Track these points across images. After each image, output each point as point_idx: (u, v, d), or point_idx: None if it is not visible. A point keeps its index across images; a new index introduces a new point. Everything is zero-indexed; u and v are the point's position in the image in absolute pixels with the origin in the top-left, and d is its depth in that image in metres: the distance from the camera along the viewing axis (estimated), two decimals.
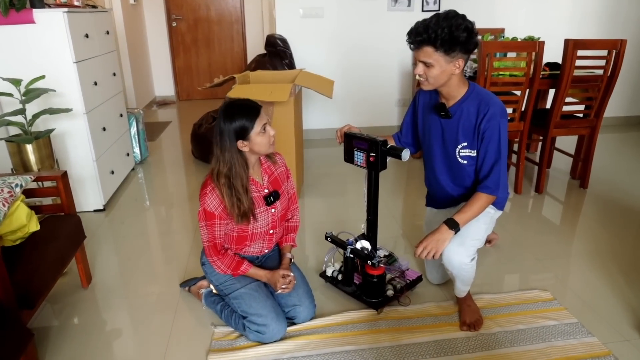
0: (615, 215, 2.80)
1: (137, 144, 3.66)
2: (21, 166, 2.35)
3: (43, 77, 2.38)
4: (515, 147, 3.53)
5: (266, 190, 1.77)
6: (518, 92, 2.96)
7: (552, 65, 3.17)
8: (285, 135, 2.75)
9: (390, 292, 1.94)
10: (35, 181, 2.05)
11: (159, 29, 6.08)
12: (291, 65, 3.93)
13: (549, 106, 3.18)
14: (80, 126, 2.69)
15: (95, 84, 2.84)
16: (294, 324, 1.83)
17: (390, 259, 2.12)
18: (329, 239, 2.03)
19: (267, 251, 1.91)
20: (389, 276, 2.04)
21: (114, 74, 3.26)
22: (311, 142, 4.34)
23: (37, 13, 2.44)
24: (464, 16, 1.59)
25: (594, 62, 3.04)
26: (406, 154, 1.68)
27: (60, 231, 1.87)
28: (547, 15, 4.41)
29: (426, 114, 1.88)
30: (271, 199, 1.76)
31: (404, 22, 4.12)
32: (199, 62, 6.30)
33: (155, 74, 6.27)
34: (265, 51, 4.00)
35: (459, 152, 1.78)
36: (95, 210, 2.89)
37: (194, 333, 1.82)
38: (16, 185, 1.71)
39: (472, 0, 4.24)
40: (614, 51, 2.85)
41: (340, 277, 2.05)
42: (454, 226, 1.66)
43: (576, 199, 3.09)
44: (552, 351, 1.69)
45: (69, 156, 2.74)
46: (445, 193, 1.93)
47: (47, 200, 2.26)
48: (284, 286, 1.76)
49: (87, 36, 2.75)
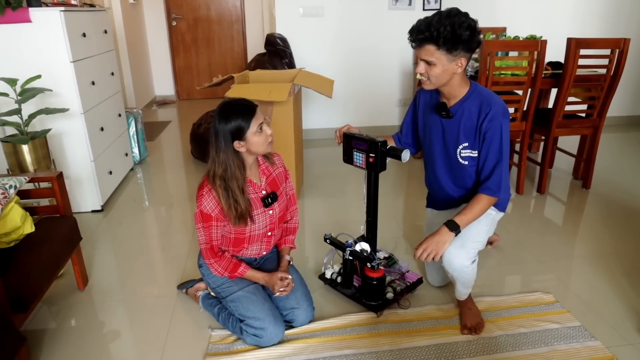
0: (618, 216, 2.77)
1: (136, 144, 3.64)
2: (17, 167, 2.33)
3: (39, 76, 2.36)
4: (517, 147, 3.51)
5: (264, 192, 1.74)
6: (520, 92, 2.93)
7: (554, 65, 3.13)
8: (284, 135, 2.73)
9: (390, 295, 1.91)
10: (31, 182, 2.03)
11: (159, 28, 6.06)
12: (291, 64, 3.90)
13: (551, 106, 3.15)
14: (77, 126, 2.67)
15: (93, 83, 2.82)
16: (292, 327, 1.80)
17: (390, 261, 2.10)
18: (327, 240, 2.00)
19: (265, 253, 1.89)
20: (388, 278, 2.01)
21: (112, 73, 3.24)
22: (311, 142, 4.31)
23: (33, 12, 2.42)
24: (466, 14, 1.56)
25: (597, 61, 3.01)
26: (406, 154, 1.65)
27: (55, 233, 1.85)
28: (549, 14, 4.37)
29: (427, 114, 1.85)
30: (269, 200, 1.74)
31: (404, 21, 4.10)
32: (199, 61, 6.28)
33: (155, 73, 6.25)
34: (265, 50, 3.97)
35: (460, 152, 1.75)
36: (93, 211, 2.87)
37: (191, 336, 1.80)
38: (10, 187, 1.69)
39: None
40: (617, 50, 2.82)
41: (339, 279, 2.02)
42: (455, 228, 1.63)
43: (578, 199, 3.06)
44: (555, 355, 1.66)
45: (66, 157, 2.72)
46: (445, 194, 1.90)
47: (45, 202, 2.24)
48: (281, 289, 1.74)
49: (84, 35, 2.73)
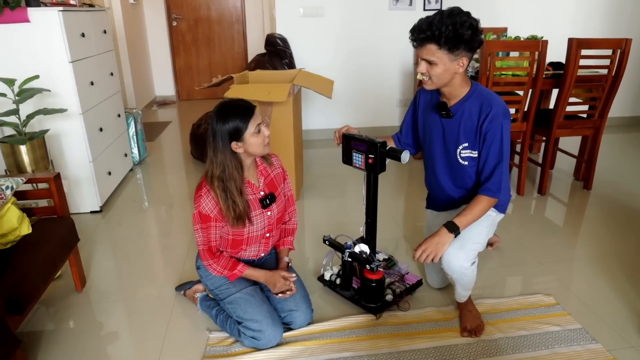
0: (620, 218, 2.75)
1: (136, 145, 3.63)
2: (15, 167, 2.32)
3: (37, 77, 2.35)
4: (518, 147, 3.49)
5: (262, 193, 1.73)
6: (521, 92, 2.92)
7: (555, 65, 3.12)
8: (284, 136, 2.71)
9: (390, 297, 1.90)
10: (29, 183, 2.02)
11: (159, 28, 6.05)
12: (291, 64, 3.89)
13: (552, 106, 3.13)
14: (76, 127, 2.66)
15: (92, 83, 2.81)
16: (290, 329, 1.78)
17: (390, 262, 2.08)
18: (327, 242, 1.99)
19: (263, 255, 1.87)
20: (388, 280, 2.00)
21: (112, 73, 3.23)
22: (311, 142, 4.30)
23: (31, 12, 2.41)
24: (468, 13, 1.54)
25: (598, 61, 2.99)
26: (405, 156, 1.63)
27: (52, 234, 1.84)
28: (550, 14, 4.35)
29: (427, 114, 1.84)
30: (267, 201, 1.73)
31: (405, 22, 4.09)
32: (199, 62, 6.27)
33: (156, 73, 6.24)
34: (265, 51, 3.96)
35: (460, 152, 1.74)
36: (91, 212, 2.85)
37: (189, 338, 1.79)
38: (7, 188, 1.68)
39: None
40: (619, 50, 2.80)
41: (338, 281, 2.01)
42: (454, 229, 1.62)
43: (580, 200, 3.04)
44: (556, 358, 1.64)
45: (64, 157, 2.71)
46: (445, 195, 1.89)
47: (43, 203, 2.23)
48: (283, 290, 1.72)
49: (83, 35, 2.72)
